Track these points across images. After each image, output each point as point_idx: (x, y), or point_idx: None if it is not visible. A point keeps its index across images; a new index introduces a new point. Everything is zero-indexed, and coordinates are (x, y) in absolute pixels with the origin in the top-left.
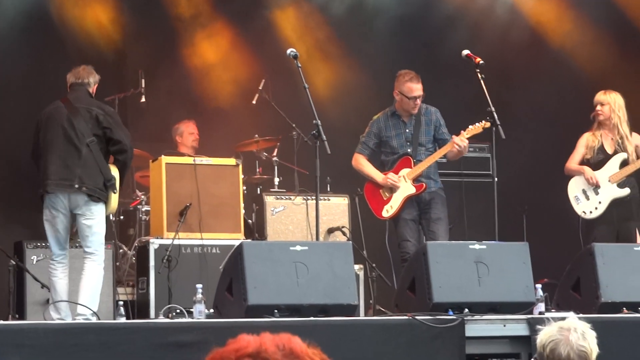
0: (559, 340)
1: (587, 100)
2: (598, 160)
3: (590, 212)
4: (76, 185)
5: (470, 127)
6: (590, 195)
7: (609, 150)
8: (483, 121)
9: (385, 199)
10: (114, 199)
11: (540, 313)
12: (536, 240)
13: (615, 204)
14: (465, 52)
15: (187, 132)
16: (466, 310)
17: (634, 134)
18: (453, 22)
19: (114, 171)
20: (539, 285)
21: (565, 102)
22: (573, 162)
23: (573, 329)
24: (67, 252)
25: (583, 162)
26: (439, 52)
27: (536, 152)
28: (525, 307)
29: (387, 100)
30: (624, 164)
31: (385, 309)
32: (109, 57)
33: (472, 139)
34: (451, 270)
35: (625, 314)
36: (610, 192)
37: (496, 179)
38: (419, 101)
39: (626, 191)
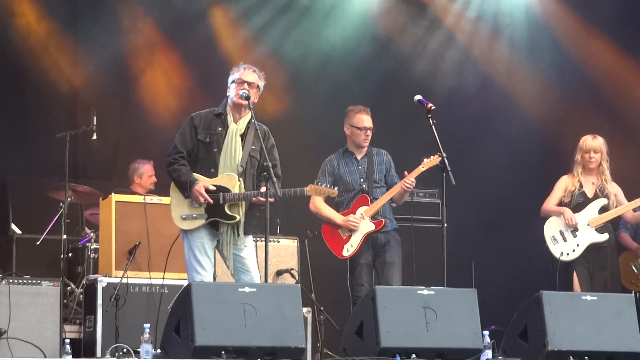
0: None
1: (536, 147)
2: (577, 203)
3: (568, 254)
4: None
5: (425, 160)
6: (568, 237)
7: (589, 194)
8: (437, 154)
9: (344, 238)
10: None
11: None
12: (484, 286)
13: (591, 249)
14: (418, 97)
15: (147, 174)
16: (413, 355)
17: (612, 182)
18: (407, 65)
19: None
20: (486, 332)
21: (516, 148)
22: (551, 204)
23: None
24: None
25: (561, 204)
26: (392, 95)
27: (486, 199)
28: (472, 353)
29: (340, 143)
30: (604, 209)
31: (333, 353)
32: (61, 94)
33: (422, 185)
34: (399, 315)
35: None
36: (589, 236)
37: (446, 224)
38: (369, 133)
39: (605, 237)
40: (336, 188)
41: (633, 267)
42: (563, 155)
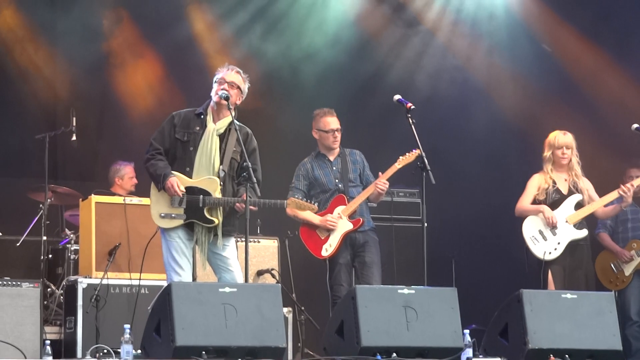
0: None
1: (515, 146)
2: (553, 200)
3: (550, 252)
4: None
5: (400, 157)
6: (548, 236)
7: (564, 191)
8: (413, 150)
9: (322, 238)
10: None
11: (468, 359)
12: (465, 285)
13: (570, 246)
14: (397, 97)
15: (128, 176)
16: (394, 354)
17: (583, 177)
18: (385, 66)
19: None
20: (467, 331)
21: (495, 147)
22: (525, 202)
23: None
24: None
25: (535, 202)
26: (371, 96)
27: (466, 198)
28: (453, 352)
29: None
30: (579, 205)
31: (314, 352)
32: (40, 95)
33: (403, 185)
34: (380, 314)
35: None
36: (569, 233)
37: (426, 224)
38: (337, 134)
39: (584, 232)
40: (316, 204)
41: (612, 266)
42: (541, 153)
